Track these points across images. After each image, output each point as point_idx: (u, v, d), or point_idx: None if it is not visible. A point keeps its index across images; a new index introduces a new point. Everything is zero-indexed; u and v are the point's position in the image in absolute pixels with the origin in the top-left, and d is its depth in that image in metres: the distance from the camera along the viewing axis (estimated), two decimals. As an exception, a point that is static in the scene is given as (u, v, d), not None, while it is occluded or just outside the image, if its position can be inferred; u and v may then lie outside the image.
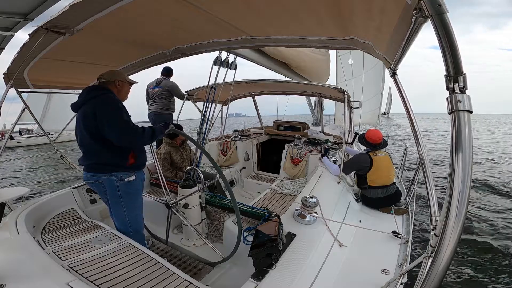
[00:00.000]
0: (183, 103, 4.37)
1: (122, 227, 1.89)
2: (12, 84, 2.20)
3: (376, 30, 1.31)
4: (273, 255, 1.36)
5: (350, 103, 3.61)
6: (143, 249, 1.68)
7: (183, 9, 1.47)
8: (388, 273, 1.60)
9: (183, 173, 2.78)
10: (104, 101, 1.70)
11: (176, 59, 2.50)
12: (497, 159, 10.54)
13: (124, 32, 1.78)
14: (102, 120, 1.64)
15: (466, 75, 0.76)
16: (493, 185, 6.76)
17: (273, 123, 5.21)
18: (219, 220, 2.50)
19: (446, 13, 0.72)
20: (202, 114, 2.78)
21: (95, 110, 1.66)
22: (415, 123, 1.11)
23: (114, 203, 1.83)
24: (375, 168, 2.65)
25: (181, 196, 2.21)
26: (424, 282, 0.82)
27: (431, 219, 0.96)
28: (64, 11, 1.26)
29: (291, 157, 3.54)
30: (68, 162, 2.93)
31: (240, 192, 3.87)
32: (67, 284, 1.20)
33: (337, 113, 8.51)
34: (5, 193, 1.97)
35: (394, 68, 1.27)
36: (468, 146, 0.74)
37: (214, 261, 2.01)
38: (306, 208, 1.85)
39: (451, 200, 0.75)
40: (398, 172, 3.74)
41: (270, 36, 1.92)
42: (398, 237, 1.99)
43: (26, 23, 1.86)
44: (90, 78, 2.77)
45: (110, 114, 1.66)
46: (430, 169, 1.06)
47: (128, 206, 1.84)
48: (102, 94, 1.74)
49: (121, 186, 1.78)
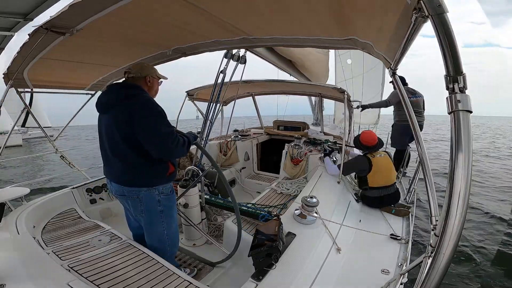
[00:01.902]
0: (183, 103, 4.37)
1: (158, 244, 1.69)
2: (12, 84, 2.20)
3: (376, 30, 1.31)
4: (273, 255, 1.36)
5: (350, 103, 3.61)
6: (143, 249, 1.68)
7: (183, 9, 1.47)
8: (388, 273, 1.60)
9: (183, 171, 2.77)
10: (143, 104, 1.45)
11: (176, 59, 2.50)
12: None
13: (124, 32, 1.78)
14: (141, 128, 1.42)
15: (466, 75, 0.76)
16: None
17: (273, 123, 5.21)
18: (216, 215, 2.49)
19: (445, 13, 0.72)
20: (205, 113, 2.75)
21: (132, 114, 1.41)
22: (415, 123, 1.11)
23: (154, 219, 1.62)
24: (375, 170, 2.65)
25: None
26: (424, 282, 0.81)
27: (431, 219, 0.95)
28: (64, 11, 1.26)
29: (291, 157, 3.54)
30: (68, 162, 2.94)
31: (240, 192, 3.87)
32: (67, 284, 1.21)
33: (337, 113, 8.51)
34: (5, 193, 1.97)
35: (394, 68, 1.27)
36: (468, 146, 0.74)
37: (214, 261, 2.01)
38: (306, 208, 1.85)
39: (451, 200, 0.75)
40: (398, 172, 3.74)
41: (270, 36, 1.92)
42: (397, 239, 1.99)
43: (26, 23, 1.86)
44: (90, 78, 2.78)
45: (152, 122, 1.43)
46: (430, 169, 1.06)
47: (168, 220, 1.67)
48: (137, 94, 1.48)
49: (163, 200, 1.60)
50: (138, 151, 1.47)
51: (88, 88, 3.00)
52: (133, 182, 1.53)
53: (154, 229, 1.66)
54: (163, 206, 1.61)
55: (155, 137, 1.43)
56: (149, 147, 1.45)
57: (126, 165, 1.51)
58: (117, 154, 1.51)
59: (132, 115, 1.41)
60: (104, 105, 1.55)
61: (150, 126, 1.42)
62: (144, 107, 1.44)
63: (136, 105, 1.44)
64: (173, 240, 1.75)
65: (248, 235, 1.92)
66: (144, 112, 1.43)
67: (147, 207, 1.58)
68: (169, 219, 1.67)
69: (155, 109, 1.46)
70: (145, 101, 1.47)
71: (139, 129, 1.42)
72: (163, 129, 1.45)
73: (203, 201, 2.43)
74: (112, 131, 1.48)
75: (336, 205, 2.31)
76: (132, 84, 1.57)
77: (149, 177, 1.54)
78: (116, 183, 1.58)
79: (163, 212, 1.62)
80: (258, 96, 5.36)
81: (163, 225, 1.65)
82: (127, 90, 1.51)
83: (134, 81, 1.58)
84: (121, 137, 1.46)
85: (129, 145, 1.46)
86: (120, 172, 1.55)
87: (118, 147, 1.49)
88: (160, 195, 1.58)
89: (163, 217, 1.63)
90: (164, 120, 1.47)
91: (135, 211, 1.64)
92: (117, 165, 1.53)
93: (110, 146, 1.53)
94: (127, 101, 1.45)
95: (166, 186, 1.61)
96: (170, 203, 1.66)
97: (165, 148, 1.45)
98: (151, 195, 1.55)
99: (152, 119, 1.44)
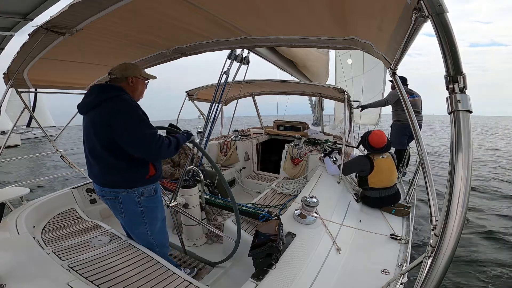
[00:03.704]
0: (183, 102, 4.38)
1: (145, 245, 1.71)
2: (12, 84, 2.20)
3: (377, 30, 1.31)
4: (273, 255, 1.36)
5: (350, 103, 3.61)
6: (143, 249, 1.68)
7: (183, 9, 1.47)
8: (388, 273, 1.60)
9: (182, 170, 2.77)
10: (122, 108, 1.41)
11: (176, 59, 2.50)
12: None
13: (124, 32, 1.78)
14: (122, 133, 1.39)
15: (466, 75, 0.76)
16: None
17: (273, 123, 5.21)
18: (216, 215, 2.49)
19: (445, 12, 0.72)
20: (207, 114, 2.75)
21: (111, 118, 1.39)
22: (415, 123, 1.11)
23: (135, 220, 1.61)
24: (376, 171, 2.64)
25: (180, 196, 2.21)
26: (424, 282, 0.81)
27: (431, 219, 0.95)
28: (64, 11, 1.26)
29: (291, 157, 3.54)
30: (68, 162, 2.94)
31: (240, 192, 3.87)
32: (67, 284, 1.21)
33: (337, 113, 8.51)
34: (5, 193, 1.97)
35: (394, 68, 1.26)
36: (468, 146, 0.74)
37: (214, 261, 2.01)
38: (306, 208, 1.85)
39: (451, 200, 0.75)
40: (398, 172, 3.74)
41: (270, 36, 1.92)
42: (397, 239, 1.99)
43: (26, 23, 1.85)
44: (90, 78, 2.78)
45: (132, 126, 1.39)
46: (430, 169, 1.06)
47: (150, 221, 1.64)
48: (116, 96, 1.45)
49: (143, 202, 1.57)
50: (116, 154, 1.44)
51: (88, 88, 3.00)
52: (111, 183, 1.52)
53: (136, 230, 1.67)
54: (144, 207, 1.58)
55: (136, 140, 1.39)
56: (132, 150, 1.42)
57: (103, 166, 1.50)
58: (95, 156, 1.49)
59: (110, 119, 1.39)
60: (84, 107, 1.51)
61: (130, 129, 1.39)
62: (122, 111, 1.41)
63: (113, 109, 1.41)
64: (160, 241, 1.73)
65: (248, 235, 1.92)
66: (123, 116, 1.40)
67: (126, 209, 1.56)
68: (151, 220, 1.64)
69: (134, 111, 1.43)
70: (124, 104, 1.43)
71: (119, 133, 1.39)
72: (143, 132, 1.40)
73: (203, 201, 2.43)
74: (90, 133, 1.47)
75: (336, 205, 2.31)
76: (113, 85, 1.54)
77: (127, 179, 1.51)
78: (96, 184, 1.58)
79: (145, 213, 1.59)
80: (258, 96, 5.36)
81: (145, 226, 1.63)
82: (107, 92, 1.47)
83: (116, 82, 1.55)
84: (98, 139, 1.44)
85: (106, 148, 1.44)
86: (98, 173, 1.53)
87: (96, 149, 1.47)
88: (140, 197, 1.55)
89: (145, 218, 1.61)
90: (144, 123, 1.43)
91: (115, 212, 1.63)
92: (96, 167, 1.52)
93: (89, 148, 1.51)
94: (107, 103, 1.43)
95: (147, 188, 1.57)
96: (152, 204, 1.62)
97: (149, 150, 1.42)
98: (130, 196, 1.52)
99: (131, 122, 1.40)
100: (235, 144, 4.12)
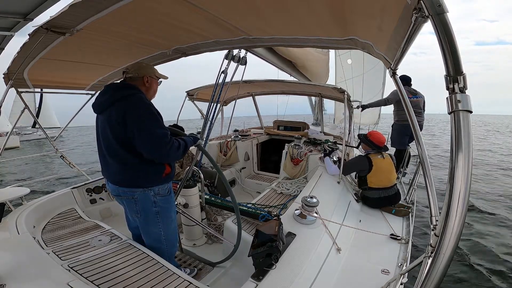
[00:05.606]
0: (183, 102, 4.38)
1: (155, 244, 1.69)
2: (12, 84, 2.20)
3: (377, 30, 1.31)
4: (273, 255, 1.36)
5: (350, 103, 3.61)
6: (143, 249, 1.68)
7: (183, 9, 1.47)
8: (388, 273, 1.60)
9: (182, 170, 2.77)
10: (136, 106, 1.43)
11: (176, 59, 2.50)
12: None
13: (124, 32, 1.78)
14: (134, 129, 1.40)
15: (466, 75, 0.76)
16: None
17: (273, 123, 5.21)
18: (216, 215, 2.49)
19: (446, 13, 0.72)
20: (206, 114, 2.74)
21: (126, 115, 1.40)
22: (415, 123, 1.11)
23: (150, 220, 1.61)
24: (375, 171, 2.64)
25: (180, 196, 2.21)
26: (424, 282, 0.81)
27: (431, 219, 0.95)
28: (64, 11, 1.26)
29: (291, 157, 3.54)
30: (68, 162, 2.94)
31: (240, 192, 3.87)
32: (67, 284, 1.21)
33: (337, 113, 8.52)
34: (5, 193, 1.97)
35: (394, 68, 1.26)
36: (468, 146, 0.74)
37: (214, 261, 2.01)
38: (306, 208, 1.85)
39: (451, 200, 0.75)
40: (398, 172, 3.74)
41: (270, 36, 1.92)
42: (397, 239, 1.99)
43: (26, 23, 1.85)
44: (90, 78, 2.78)
45: (144, 123, 1.40)
46: (430, 169, 1.06)
47: (164, 221, 1.64)
48: (132, 95, 1.47)
49: (159, 201, 1.57)
50: (133, 152, 1.45)
51: (88, 88, 3.00)
52: (128, 182, 1.52)
53: (151, 230, 1.66)
54: (159, 207, 1.59)
55: (147, 139, 1.40)
56: (141, 149, 1.42)
57: (121, 165, 1.50)
58: (112, 155, 1.50)
59: (125, 116, 1.40)
60: (99, 106, 1.53)
61: (143, 127, 1.40)
62: (138, 108, 1.42)
63: (129, 106, 1.42)
64: (171, 241, 1.74)
65: (248, 235, 1.92)
66: (137, 113, 1.41)
67: (142, 208, 1.56)
68: (166, 220, 1.65)
69: (148, 110, 1.44)
70: (139, 102, 1.45)
71: (132, 131, 1.40)
72: (156, 131, 1.41)
73: (203, 201, 2.42)
74: (107, 132, 1.48)
75: (336, 205, 2.31)
76: (129, 84, 1.56)
77: (144, 178, 1.52)
78: (112, 183, 1.58)
79: (160, 213, 1.60)
80: (258, 96, 5.36)
81: (160, 226, 1.63)
82: (122, 91, 1.49)
83: (131, 81, 1.57)
84: (115, 138, 1.45)
85: (123, 146, 1.45)
86: (115, 172, 1.54)
87: (113, 147, 1.48)
88: (156, 196, 1.56)
89: (160, 218, 1.61)
90: (158, 122, 1.44)
91: (130, 212, 1.64)
92: (113, 166, 1.52)
93: (106, 147, 1.52)
94: (122, 102, 1.44)
95: (162, 187, 1.58)
96: (167, 204, 1.64)
97: (158, 151, 1.42)
98: (147, 196, 1.53)
99: (145, 121, 1.41)
100: (235, 144, 4.13)
